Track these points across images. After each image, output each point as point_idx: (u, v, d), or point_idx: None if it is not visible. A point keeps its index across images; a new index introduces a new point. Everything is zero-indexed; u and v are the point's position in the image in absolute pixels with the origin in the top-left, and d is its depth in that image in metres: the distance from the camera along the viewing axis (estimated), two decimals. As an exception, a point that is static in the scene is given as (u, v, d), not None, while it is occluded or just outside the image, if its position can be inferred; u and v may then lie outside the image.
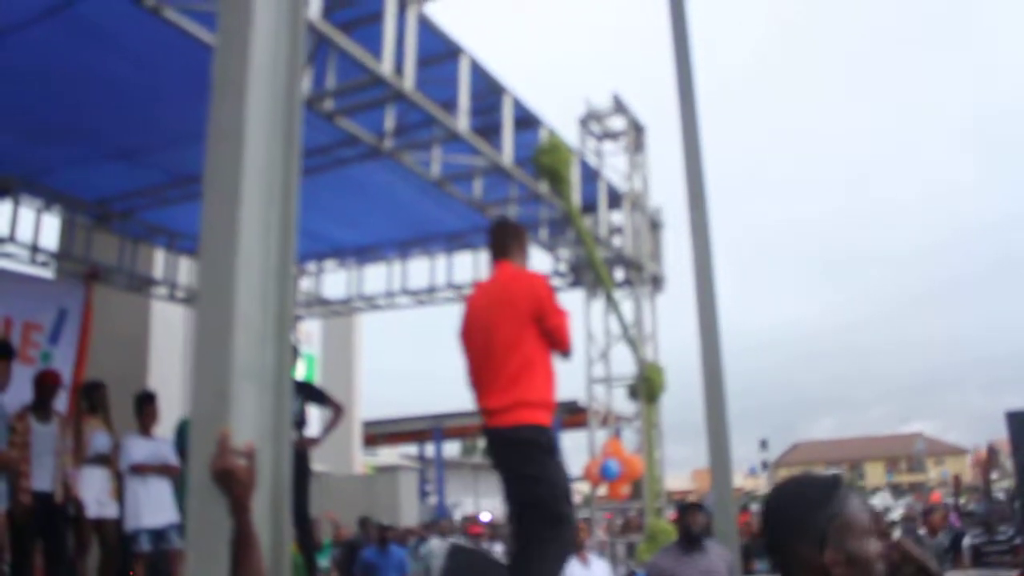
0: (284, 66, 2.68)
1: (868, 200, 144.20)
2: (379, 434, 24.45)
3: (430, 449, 28.58)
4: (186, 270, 9.23)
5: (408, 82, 4.85)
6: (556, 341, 3.89)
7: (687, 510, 5.51)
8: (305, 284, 9.98)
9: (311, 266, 9.70)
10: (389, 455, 29.27)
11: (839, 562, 1.51)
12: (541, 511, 3.74)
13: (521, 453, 3.80)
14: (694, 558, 5.29)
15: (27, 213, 7.89)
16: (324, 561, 10.72)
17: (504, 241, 4.19)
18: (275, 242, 2.56)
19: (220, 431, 2.26)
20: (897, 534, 8.31)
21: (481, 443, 39.57)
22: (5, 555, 5.88)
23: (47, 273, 8.34)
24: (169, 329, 12.03)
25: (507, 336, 3.81)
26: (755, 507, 15.51)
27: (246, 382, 2.40)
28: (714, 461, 5.68)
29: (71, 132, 6.60)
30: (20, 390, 6.18)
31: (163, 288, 9.17)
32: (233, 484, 2.21)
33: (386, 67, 4.63)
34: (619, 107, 8.12)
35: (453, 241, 8.66)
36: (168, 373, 10.86)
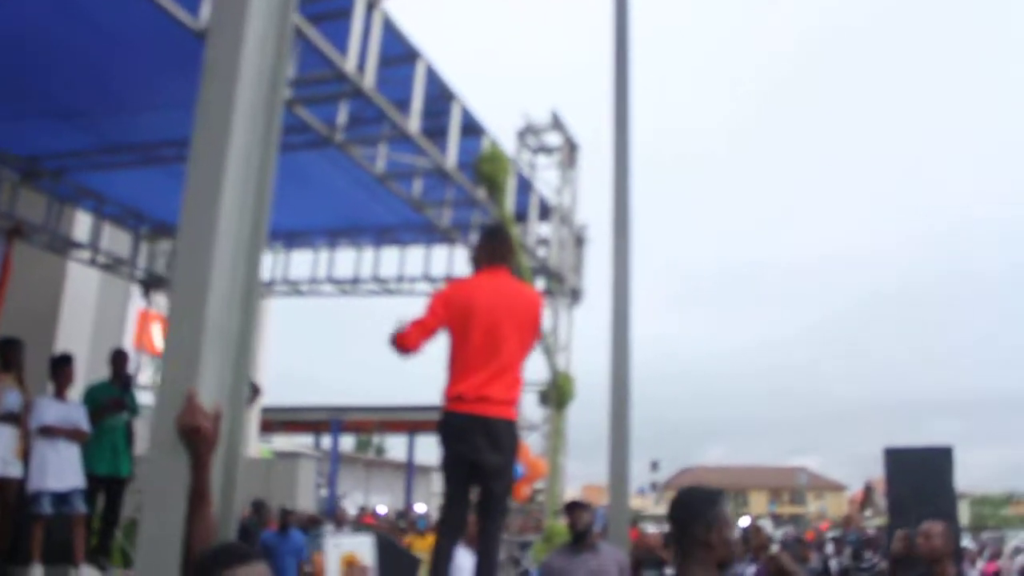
0: (271, 55, 2.86)
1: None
2: (277, 421, 24.26)
3: (326, 440, 28.51)
4: (109, 236, 9.19)
5: (368, 80, 5.08)
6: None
7: (573, 508, 5.66)
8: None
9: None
10: (284, 443, 29.02)
11: (717, 541, 2.46)
12: (506, 500, 4.35)
13: (515, 444, 4.28)
14: (584, 558, 5.48)
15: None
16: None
17: (505, 248, 4.46)
18: (249, 216, 2.74)
19: (188, 390, 2.44)
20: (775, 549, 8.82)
21: (376, 439, 39.56)
22: None
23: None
24: (82, 294, 11.86)
25: (519, 343, 4.28)
26: (645, 526, 15.97)
27: (215, 344, 2.59)
28: (613, 471, 6.01)
29: (10, 87, 6.57)
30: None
31: (86, 252, 9.09)
32: (199, 442, 2.40)
33: (350, 64, 4.86)
34: (556, 124, 8.46)
35: (383, 235, 8.86)
36: (77, 337, 10.72)
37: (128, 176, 8.02)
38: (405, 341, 4.18)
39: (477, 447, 4.15)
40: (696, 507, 2.55)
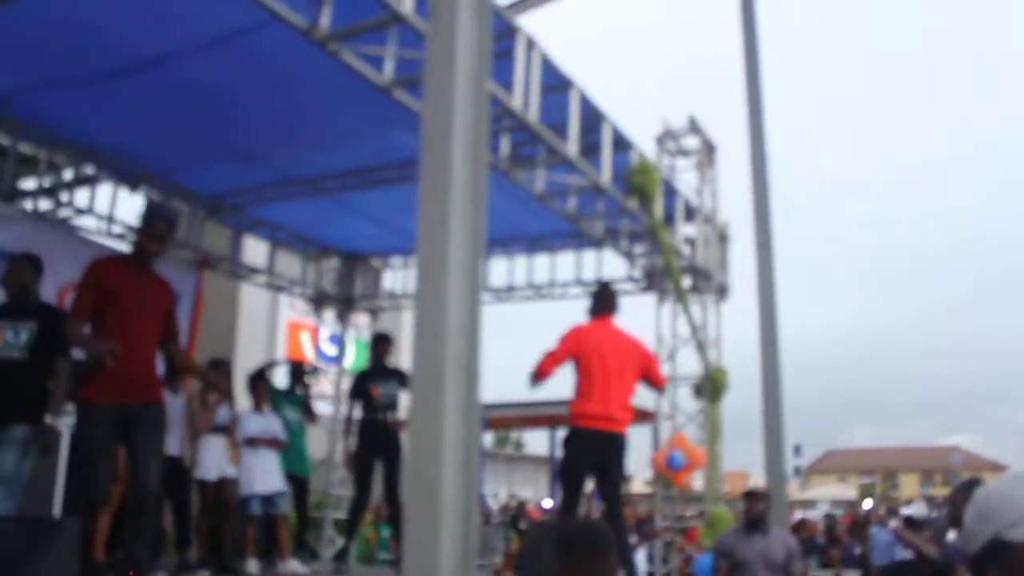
0: (474, 118, 3.32)
1: (918, 204, 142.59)
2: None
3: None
4: (284, 261, 10.04)
5: (532, 114, 5.59)
6: (657, 384, 6.28)
7: (750, 497, 6.25)
8: (388, 277, 10.76)
9: (396, 260, 10.47)
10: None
11: None
12: (620, 494, 5.91)
13: (624, 452, 5.87)
14: (754, 539, 6.06)
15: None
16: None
17: (610, 303, 6.06)
18: (469, 241, 3.16)
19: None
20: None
21: (515, 435, 40.35)
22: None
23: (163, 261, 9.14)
24: (255, 314, 12.91)
25: (631, 377, 5.83)
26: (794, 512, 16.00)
27: (453, 365, 3.07)
28: (769, 460, 6.35)
29: (201, 134, 7.36)
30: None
31: (263, 276, 9.95)
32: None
33: (516, 102, 5.37)
34: (693, 127, 8.77)
35: (534, 244, 9.40)
36: (254, 353, 11.68)
37: (297, 206, 8.77)
38: (541, 368, 5.68)
39: (597, 455, 5.69)
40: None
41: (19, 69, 6.25)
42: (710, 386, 8.38)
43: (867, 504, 11.25)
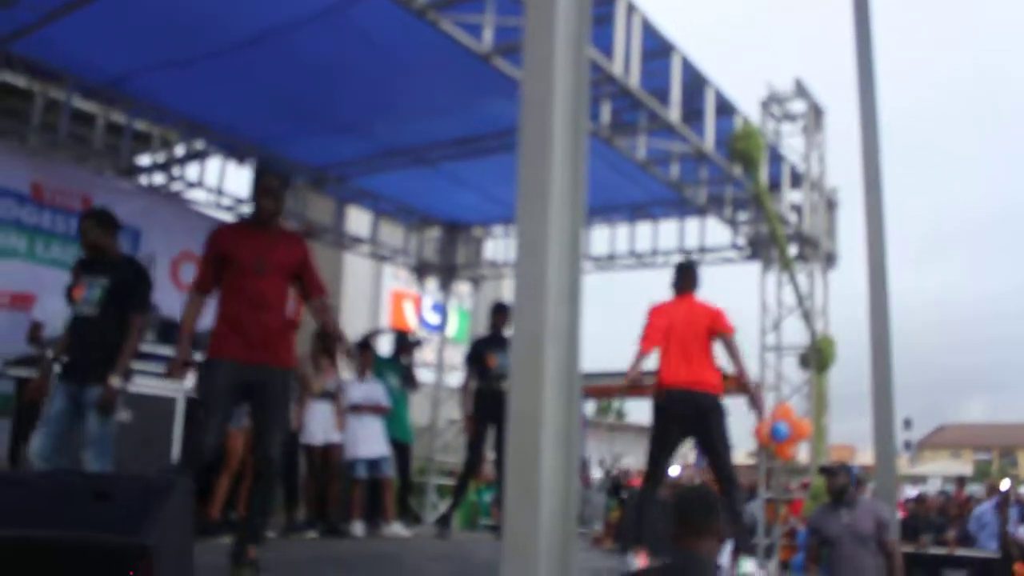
0: (573, 83, 3.28)
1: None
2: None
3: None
4: (387, 231, 10.20)
5: (633, 79, 5.49)
6: (725, 331, 5.96)
7: (826, 472, 6.23)
8: (490, 247, 10.83)
9: (497, 229, 10.51)
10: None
11: None
12: (721, 447, 5.83)
13: (713, 411, 5.85)
14: (840, 513, 5.98)
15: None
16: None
17: (693, 282, 6.11)
18: (569, 209, 3.13)
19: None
20: None
21: (617, 404, 40.36)
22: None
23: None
24: (359, 284, 13.17)
25: (704, 337, 5.88)
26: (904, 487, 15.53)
27: (552, 339, 3.07)
28: (877, 433, 6.17)
29: (306, 108, 7.50)
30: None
31: (366, 246, 10.13)
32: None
33: (617, 67, 5.29)
34: (800, 91, 8.49)
35: (636, 212, 9.30)
36: (358, 323, 11.93)
37: (399, 176, 8.87)
38: (640, 348, 5.85)
39: (684, 418, 5.77)
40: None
41: (133, 51, 6.49)
42: (816, 356, 8.18)
43: (1005, 485, 10.77)
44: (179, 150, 8.61)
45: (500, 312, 8.10)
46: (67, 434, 4.82)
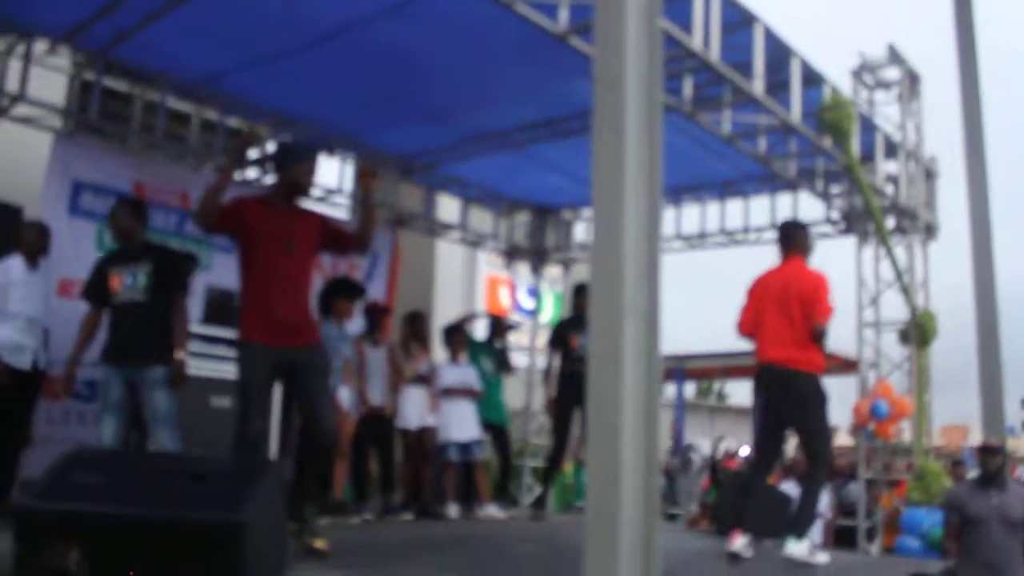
0: (647, 59, 3.23)
1: None
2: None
3: (669, 389, 29.01)
4: (477, 216, 10.27)
5: (714, 53, 5.40)
6: (817, 318, 5.49)
7: (982, 451, 5.94)
8: (580, 229, 10.80)
9: (587, 211, 10.46)
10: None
11: None
12: (813, 433, 5.59)
13: (810, 390, 5.54)
14: (989, 495, 5.74)
15: (347, 169, 9.16)
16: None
17: (790, 242, 5.75)
18: (645, 187, 3.09)
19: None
20: None
21: (718, 386, 39.83)
22: (347, 456, 7.06)
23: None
24: (452, 270, 13.32)
25: (795, 312, 5.47)
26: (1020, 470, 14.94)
27: (631, 318, 3.05)
28: (986, 412, 5.94)
29: (392, 98, 7.60)
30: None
31: (456, 232, 10.23)
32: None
33: (696, 42, 5.20)
34: (894, 57, 8.20)
35: (726, 189, 9.15)
36: (452, 308, 12.06)
37: (486, 161, 8.91)
38: (739, 328, 5.70)
39: (774, 395, 5.52)
40: None
41: (222, 51, 6.70)
42: (917, 332, 7.91)
43: None
44: (271, 145, 8.83)
45: (582, 293, 8.08)
46: (129, 417, 5.13)
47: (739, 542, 5.32)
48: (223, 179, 4.55)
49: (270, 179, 8.07)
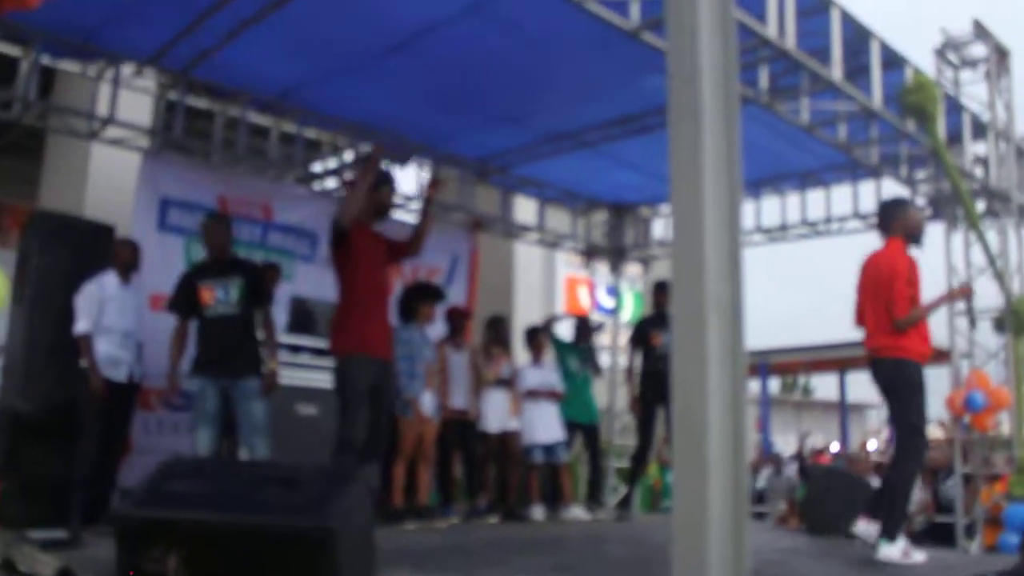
0: (722, 49, 3.18)
1: None
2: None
3: (752, 384, 28.50)
4: (554, 216, 10.26)
5: (790, 41, 5.29)
6: (894, 314, 5.17)
7: None
8: (658, 226, 10.70)
9: (664, 208, 10.36)
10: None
11: None
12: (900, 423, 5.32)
13: (891, 378, 5.26)
14: None
15: (423, 175, 9.24)
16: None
17: (883, 222, 5.52)
18: (724, 180, 3.04)
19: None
20: None
21: (803, 381, 39.03)
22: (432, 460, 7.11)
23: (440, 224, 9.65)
24: (531, 271, 13.34)
25: (878, 298, 5.21)
26: None
27: (714, 313, 3.00)
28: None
29: (466, 102, 7.64)
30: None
31: (534, 233, 10.23)
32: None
33: (771, 30, 5.11)
34: (980, 33, 7.91)
35: (806, 179, 8.95)
36: (532, 310, 12.08)
37: (562, 161, 8.89)
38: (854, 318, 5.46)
39: (877, 385, 5.28)
40: None
41: (297, 64, 6.86)
42: (1013, 320, 7.60)
43: None
44: (348, 155, 8.97)
45: (663, 291, 8.01)
46: (223, 427, 5.32)
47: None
48: (361, 194, 4.91)
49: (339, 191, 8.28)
